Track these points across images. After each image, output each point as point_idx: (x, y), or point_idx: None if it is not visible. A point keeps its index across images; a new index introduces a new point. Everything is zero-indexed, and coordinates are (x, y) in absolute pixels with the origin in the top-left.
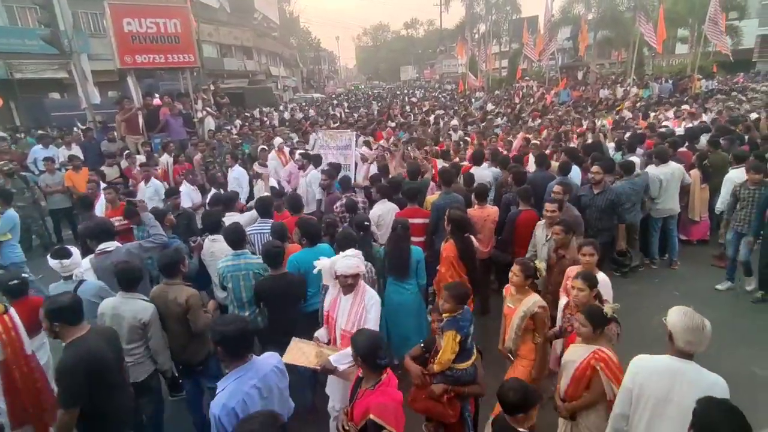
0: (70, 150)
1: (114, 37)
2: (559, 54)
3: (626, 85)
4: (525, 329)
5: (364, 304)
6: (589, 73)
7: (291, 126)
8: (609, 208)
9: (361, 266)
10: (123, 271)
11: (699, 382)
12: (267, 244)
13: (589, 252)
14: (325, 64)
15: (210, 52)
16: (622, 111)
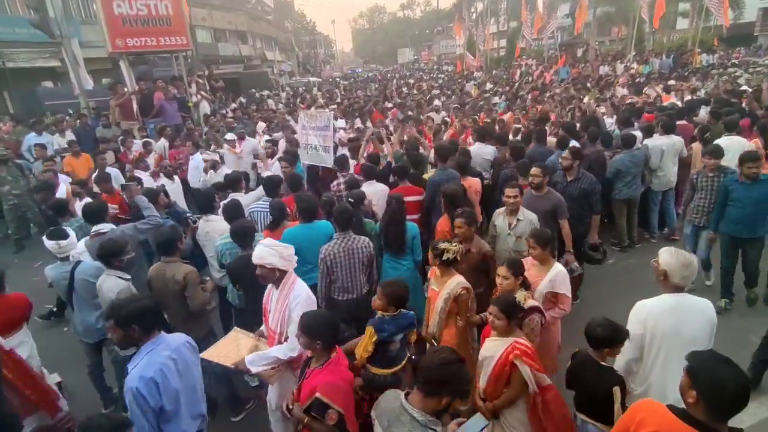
0: (65, 137)
1: (104, 21)
2: (558, 32)
3: (626, 62)
4: (449, 313)
5: (288, 302)
6: (588, 50)
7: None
8: (582, 197)
9: (269, 258)
10: (102, 245)
11: (694, 308)
12: (235, 222)
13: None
14: (321, 48)
15: (204, 38)
16: (616, 88)
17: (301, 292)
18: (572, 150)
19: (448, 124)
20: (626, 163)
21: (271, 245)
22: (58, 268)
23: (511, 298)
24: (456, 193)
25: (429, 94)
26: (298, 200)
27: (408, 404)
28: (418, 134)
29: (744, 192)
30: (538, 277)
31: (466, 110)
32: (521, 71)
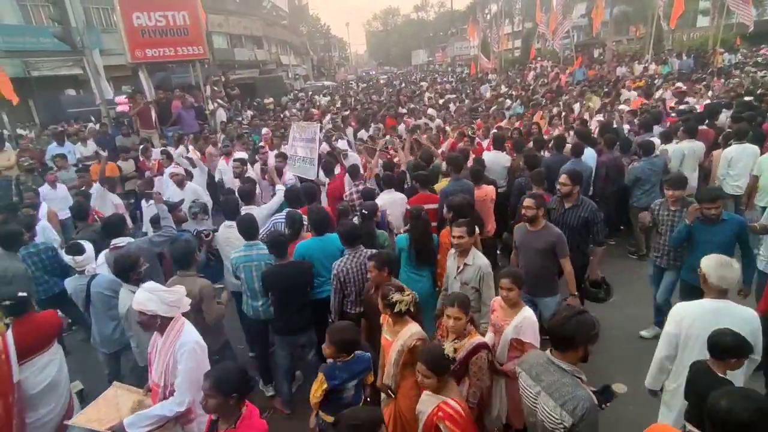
0: (86, 146)
1: (124, 32)
2: (574, 32)
3: (644, 62)
4: (404, 365)
5: (173, 351)
6: (605, 51)
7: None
8: (582, 227)
9: (149, 305)
10: (117, 261)
11: (735, 315)
12: (271, 233)
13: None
14: (335, 51)
15: (220, 43)
16: (622, 91)
17: (188, 339)
18: (571, 173)
19: (446, 132)
20: (645, 170)
21: (153, 290)
22: (76, 281)
23: (438, 351)
24: (462, 204)
25: (443, 98)
26: (310, 213)
27: (554, 357)
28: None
29: (704, 234)
30: (504, 320)
31: (464, 117)
32: (536, 73)
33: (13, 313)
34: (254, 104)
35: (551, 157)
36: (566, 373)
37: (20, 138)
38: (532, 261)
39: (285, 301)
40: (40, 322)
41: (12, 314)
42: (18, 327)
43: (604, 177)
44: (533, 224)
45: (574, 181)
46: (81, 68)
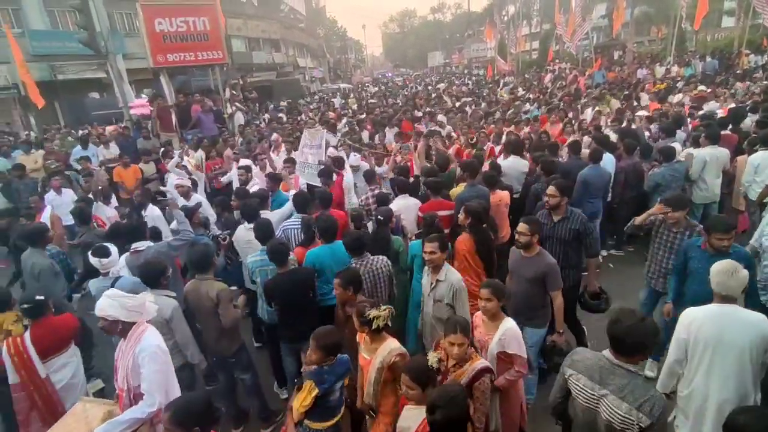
0: (108, 149)
1: (147, 37)
2: (594, 33)
3: (666, 64)
4: (384, 383)
5: (133, 354)
6: (625, 53)
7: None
8: (574, 240)
9: (110, 310)
10: (144, 269)
11: (743, 320)
12: (271, 241)
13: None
14: (351, 53)
15: (239, 46)
16: (640, 94)
17: (149, 343)
18: (560, 185)
19: (453, 139)
20: (666, 176)
21: (115, 296)
22: (100, 283)
23: (423, 363)
24: (479, 210)
25: (459, 101)
26: (318, 221)
27: (618, 361)
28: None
29: (706, 264)
30: (487, 335)
31: (479, 121)
32: (553, 75)
33: (31, 315)
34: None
35: (568, 162)
36: (635, 374)
37: (46, 141)
38: (522, 288)
39: (287, 309)
40: (57, 325)
41: (30, 317)
42: (35, 329)
43: (623, 183)
44: (527, 250)
45: (563, 193)
46: (105, 72)
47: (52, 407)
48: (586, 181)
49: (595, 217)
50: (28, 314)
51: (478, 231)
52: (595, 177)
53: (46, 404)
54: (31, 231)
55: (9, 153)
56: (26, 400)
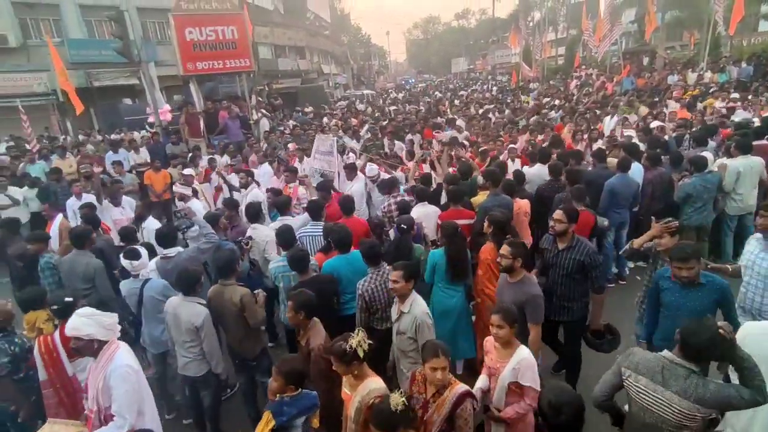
0: (138, 154)
1: (177, 46)
2: (622, 38)
3: (699, 70)
4: (363, 423)
5: (105, 375)
6: (656, 58)
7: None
8: (579, 272)
9: (86, 329)
10: (181, 276)
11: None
12: (292, 249)
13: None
14: (375, 59)
15: (265, 54)
16: (667, 102)
17: (121, 363)
18: (567, 210)
19: (467, 147)
20: (698, 187)
21: (89, 314)
22: (130, 284)
23: (384, 409)
24: (503, 220)
25: (482, 108)
26: (332, 231)
27: (683, 361)
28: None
29: (678, 297)
30: (500, 362)
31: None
32: (579, 82)
33: (60, 316)
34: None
35: (593, 171)
36: (697, 374)
37: (81, 145)
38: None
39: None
40: None
41: (60, 317)
42: (64, 329)
43: (651, 194)
44: (511, 275)
45: (571, 219)
46: (137, 78)
47: (77, 405)
48: (613, 191)
49: (622, 227)
50: (57, 315)
51: (500, 241)
52: (623, 186)
53: (71, 401)
54: (76, 234)
55: (48, 156)
56: (54, 397)
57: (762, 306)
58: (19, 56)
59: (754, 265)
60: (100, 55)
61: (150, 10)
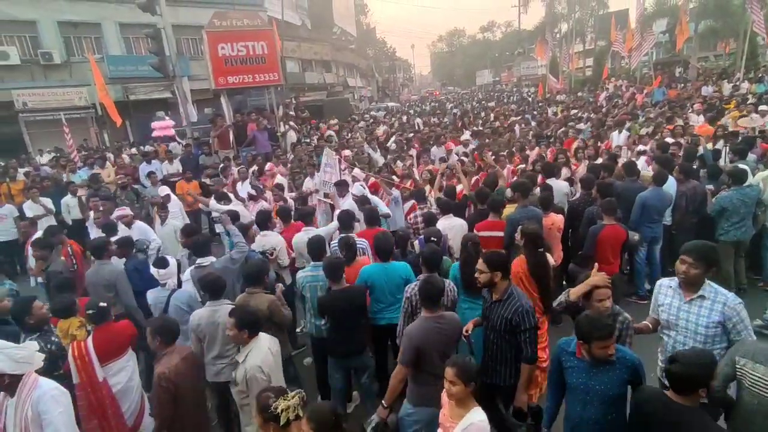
0: (172, 165)
1: (210, 61)
2: (653, 49)
3: (735, 80)
4: None
5: (31, 404)
6: (689, 69)
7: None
8: (507, 332)
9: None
10: (210, 282)
11: None
12: (328, 258)
13: (449, 377)
14: (399, 72)
15: (292, 68)
16: (689, 115)
17: (48, 387)
18: (489, 258)
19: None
20: (734, 201)
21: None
22: (158, 293)
23: None
24: (538, 233)
25: (508, 120)
26: (375, 239)
27: None
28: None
29: (586, 378)
30: (450, 422)
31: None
32: (608, 94)
33: (95, 321)
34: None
35: (623, 184)
36: None
37: (117, 157)
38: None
39: (338, 324)
40: (117, 331)
41: (94, 322)
42: (97, 334)
43: (684, 207)
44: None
45: (493, 267)
46: (171, 92)
47: (106, 408)
48: (645, 204)
49: (655, 243)
50: (92, 320)
51: (532, 253)
52: (656, 200)
53: (101, 405)
54: (95, 246)
55: (93, 166)
56: (85, 400)
57: None
58: (63, 72)
59: (678, 320)
60: (137, 70)
61: (184, 27)
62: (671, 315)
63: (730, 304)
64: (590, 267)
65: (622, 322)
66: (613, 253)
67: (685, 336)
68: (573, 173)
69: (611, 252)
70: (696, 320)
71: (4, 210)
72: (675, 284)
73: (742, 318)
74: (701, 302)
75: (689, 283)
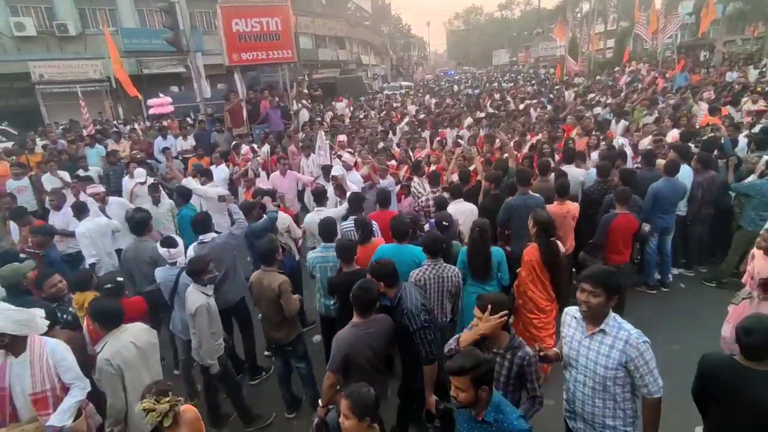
0: (186, 141)
1: (224, 37)
2: (678, 31)
3: (761, 66)
4: None
5: (45, 354)
6: (713, 53)
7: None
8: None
9: (8, 328)
10: (190, 263)
11: None
12: (340, 239)
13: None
14: (414, 50)
15: (305, 44)
16: (698, 102)
17: (54, 343)
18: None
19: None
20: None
21: (1, 309)
22: (166, 271)
23: None
24: (551, 222)
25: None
26: (392, 221)
27: None
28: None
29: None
30: None
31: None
32: (631, 77)
33: (112, 294)
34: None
35: (639, 173)
36: None
37: (132, 131)
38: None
39: (346, 306)
40: (130, 306)
41: (111, 296)
42: None
43: (701, 198)
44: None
45: (376, 275)
46: (184, 67)
47: None
48: (657, 195)
49: (666, 233)
50: (110, 294)
51: (544, 242)
52: (669, 191)
53: None
54: (136, 222)
55: (104, 141)
56: None
57: (595, 411)
58: (78, 44)
59: (579, 356)
60: (151, 43)
61: (198, 0)
62: (572, 349)
63: (633, 342)
64: (601, 255)
65: (522, 357)
66: (625, 242)
67: (585, 375)
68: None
69: (622, 241)
70: (595, 358)
71: (23, 182)
72: (578, 315)
73: (646, 360)
74: (602, 338)
75: (590, 314)
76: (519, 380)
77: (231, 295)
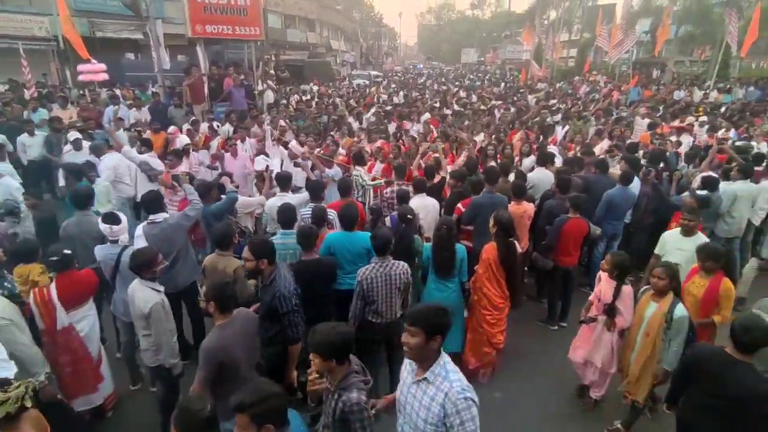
0: (139, 112)
1: (187, 5)
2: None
3: (705, 88)
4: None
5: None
6: (664, 72)
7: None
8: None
9: None
10: (136, 256)
11: None
12: (302, 226)
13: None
14: (385, 40)
15: (274, 22)
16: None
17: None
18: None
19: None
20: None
21: None
22: (107, 249)
23: None
24: (511, 222)
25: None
26: (341, 209)
27: None
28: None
29: None
30: None
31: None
32: (590, 88)
33: (58, 268)
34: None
35: (594, 177)
36: None
37: (81, 98)
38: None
39: (305, 294)
40: (80, 279)
41: (56, 270)
42: (60, 281)
43: (644, 207)
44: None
45: (258, 255)
46: (142, 33)
47: (76, 351)
48: (611, 202)
49: (614, 239)
50: (55, 267)
51: (503, 241)
52: (622, 199)
53: (69, 349)
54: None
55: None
56: (51, 345)
57: None
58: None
59: (406, 404)
60: (105, 5)
61: None
62: (402, 394)
63: (452, 398)
64: (552, 256)
65: (345, 402)
66: (575, 245)
67: (408, 425)
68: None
69: (573, 244)
70: (417, 409)
71: None
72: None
73: (462, 420)
74: (426, 387)
75: (412, 356)
76: (344, 427)
77: (182, 278)
